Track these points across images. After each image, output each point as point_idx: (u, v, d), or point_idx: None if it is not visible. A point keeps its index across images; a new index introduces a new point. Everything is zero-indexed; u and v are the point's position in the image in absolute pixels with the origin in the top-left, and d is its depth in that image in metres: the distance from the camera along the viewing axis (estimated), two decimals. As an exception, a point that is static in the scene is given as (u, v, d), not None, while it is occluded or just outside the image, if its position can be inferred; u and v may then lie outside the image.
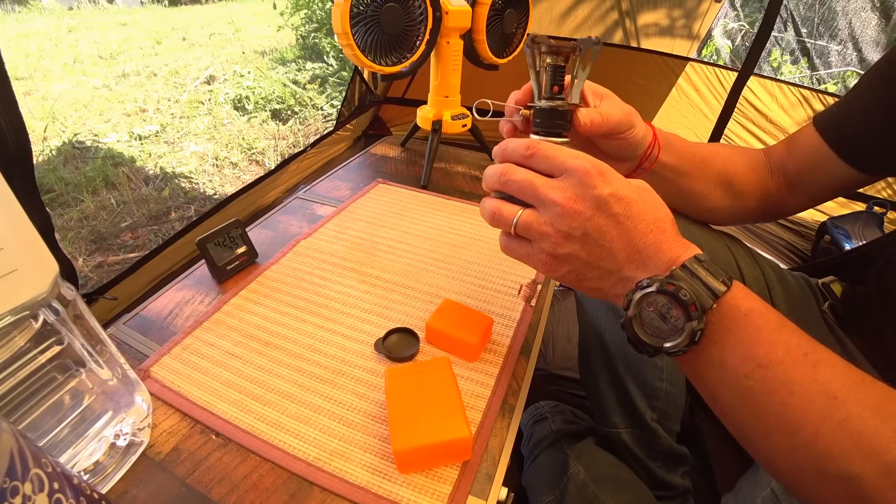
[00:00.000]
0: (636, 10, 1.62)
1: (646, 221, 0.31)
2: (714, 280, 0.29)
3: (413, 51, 0.81)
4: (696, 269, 0.29)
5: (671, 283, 0.29)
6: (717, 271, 0.29)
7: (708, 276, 0.29)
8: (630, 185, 0.32)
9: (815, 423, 0.26)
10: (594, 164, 0.31)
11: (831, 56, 1.92)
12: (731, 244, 0.53)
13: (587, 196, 0.31)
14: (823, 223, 1.29)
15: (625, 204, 0.31)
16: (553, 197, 0.31)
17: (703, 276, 0.29)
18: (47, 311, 0.32)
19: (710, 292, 0.29)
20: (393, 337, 0.53)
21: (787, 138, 0.51)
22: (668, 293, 0.29)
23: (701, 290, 0.29)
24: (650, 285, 0.30)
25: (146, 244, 1.46)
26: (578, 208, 0.31)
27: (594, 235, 0.31)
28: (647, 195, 0.32)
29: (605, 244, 0.31)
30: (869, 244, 0.57)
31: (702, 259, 0.30)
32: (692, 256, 0.30)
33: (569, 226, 0.31)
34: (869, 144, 0.44)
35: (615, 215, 0.31)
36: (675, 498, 0.59)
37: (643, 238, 0.31)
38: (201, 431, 0.44)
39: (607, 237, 0.31)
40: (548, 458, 0.66)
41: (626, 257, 0.31)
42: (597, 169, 0.31)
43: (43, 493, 0.24)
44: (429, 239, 0.72)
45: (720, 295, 0.29)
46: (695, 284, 0.29)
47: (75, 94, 2.70)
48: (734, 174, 0.50)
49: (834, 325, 0.51)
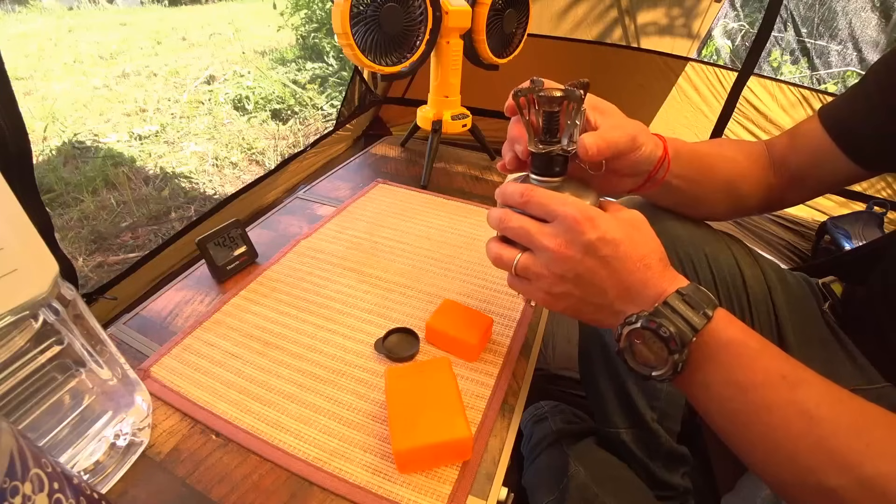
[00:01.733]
0: (635, 8, 1.61)
1: (632, 260, 0.33)
2: (694, 315, 0.31)
3: (413, 51, 0.81)
4: (677, 306, 0.32)
5: (653, 321, 0.31)
6: (698, 303, 0.32)
7: (688, 310, 0.31)
8: (619, 225, 0.34)
9: (793, 440, 0.28)
10: (582, 211, 0.33)
11: (831, 56, 1.92)
12: (732, 245, 0.52)
13: (576, 241, 0.33)
14: (823, 223, 1.29)
15: (612, 246, 0.33)
16: (545, 243, 0.34)
17: (682, 312, 0.31)
18: (47, 311, 0.32)
19: (690, 327, 0.31)
20: (393, 337, 0.53)
21: (789, 131, 0.50)
22: (650, 329, 0.31)
23: (681, 325, 0.31)
24: (636, 321, 0.32)
25: (146, 244, 1.46)
26: (569, 253, 0.34)
27: (586, 276, 0.34)
28: (635, 233, 0.34)
29: (596, 283, 0.34)
30: (869, 244, 0.57)
31: (684, 293, 0.32)
32: (674, 292, 0.32)
33: (562, 269, 0.34)
34: (873, 140, 0.44)
35: (603, 257, 0.33)
36: (675, 498, 0.59)
37: (630, 276, 0.34)
38: (201, 431, 0.44)
39: (598, 277, 0.34)
40: (548, 459, 0.66)
41: (615, 294, 0.34)
42: (584, 215, 0.33)
43: (43, 493, 0.24)
44: (429, 239, 0.72)
45: (699, 329, 0.31)
46: (675, 320, 0.31)
47: (75, 94, 2.70)
48: (739, 178, 0.49)
49: (834, 326, 0.51)
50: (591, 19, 1.65)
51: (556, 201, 0.34)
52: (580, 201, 0.34)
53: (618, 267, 0.33)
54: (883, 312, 0.47)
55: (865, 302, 0.50)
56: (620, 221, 0.34)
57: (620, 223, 0.34)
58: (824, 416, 0.28)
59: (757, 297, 0.50)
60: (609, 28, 1.66)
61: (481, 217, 0.79)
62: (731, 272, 0.50)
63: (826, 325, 0.51)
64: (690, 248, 0.50)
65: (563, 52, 1.69)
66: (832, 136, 0.46)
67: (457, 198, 0.85)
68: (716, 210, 0.51)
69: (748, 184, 0.50)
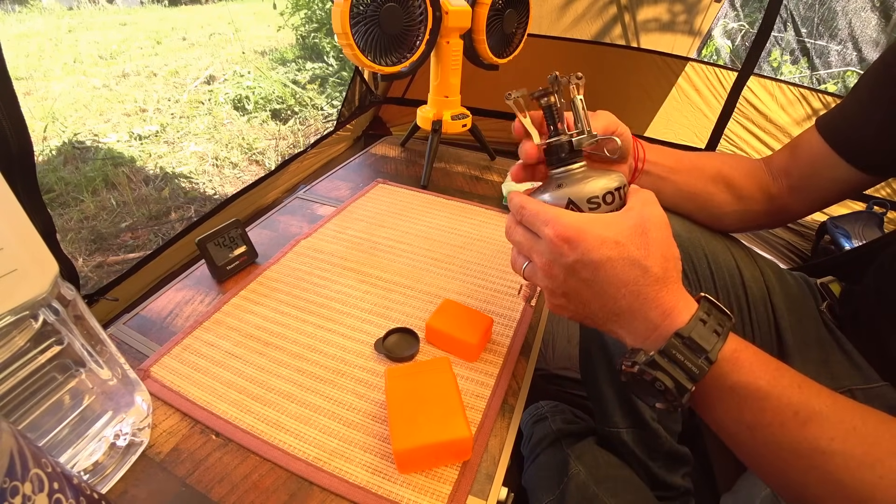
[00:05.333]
0: (635, 5, 1.61)
1: (615, 286, 0.31)
2: (694, 363, 0.29)
3: (413, 51, 0.81)
4: (675, 355, 0.30)
5: (648, 373, 0.30)
6: (699, 348, 0.29)
7: (688, 359, 0.29)
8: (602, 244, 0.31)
9: (803, 474, 0.28)
10: (559, 231, 0.32)
11: (831, 56, 1.92)
12: (732, 245, 0.53)
13: (557, 263, 0.33)
14: (823, 223, 1.29)
15: (591, 269, 0.31)
16: (535, 260, 0.35)
17: (681, 361, 0.30)
18: (47, 311, 0.32)
19: (689, 377, 0.29)
20: (393, 337, 0.53)
21: (788, 144, 0.52)
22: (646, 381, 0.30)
23: (679, 377, 0.30)
24: (633, 367, 0.31)
25: (146, 244, 1.46)
26: (553, 272, 0.33)
27: (572, 295, 0.34)
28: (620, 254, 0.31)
29: (584, 302, 0.34)
30: (868, 244, 0.57)
31: (685, 336, 0.30)
32: (673, 334, 0.30)
33: (552, 285, 0.34)
34: (870, 145, 0.44)
35: (584, 280, 0.32)
36: (675, 499, 0.59)
37: (616, 303, 0.32)
38: (201, 431, 0.44)
39: (583, 297, 0.33)
40: (548, 458, 0.66)
41: (605, 317, 0.34)
42: (561, 236, 0.32)
43: (43, 493, 0.24)
44: (429, 239, 0.72)
45: (699, 379, 0.29)
46: (673, 371, 0.30)
47: (75, 94, 2.70)
48: (731, 175, 0.51)
49: (832, 325, 0.51)
50: (590, 15, 1.65)
51: (542, 219, 0.33)
52: (565, 218, 0.32)
53: (599, 290, 0.32)
54: (878, 312, 0.47)
55: (862, 301, 0.50)
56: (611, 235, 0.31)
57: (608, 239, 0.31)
58: (836, 450, 0.27)
59: (755, 297, 0.50)
60: (609, 25, 1.65)
61: (481, 217, 0.79)
62: (731, 272, 0.50)
63: (824, 324, 0.51)
64: (690, 247, 0.50)
65: (563, 52, 1.69)
66: (830, 143, 0.46)
67: (457, 198, 0.85)
68: (720, 211, 0.51)
69: (743, 185, 0.50)
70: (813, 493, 0.28)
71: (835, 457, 0.27)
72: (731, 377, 0.30)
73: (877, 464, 0.26)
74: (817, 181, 0.48)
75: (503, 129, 1.65)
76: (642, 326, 0.32)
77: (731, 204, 0.51)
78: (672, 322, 0.31)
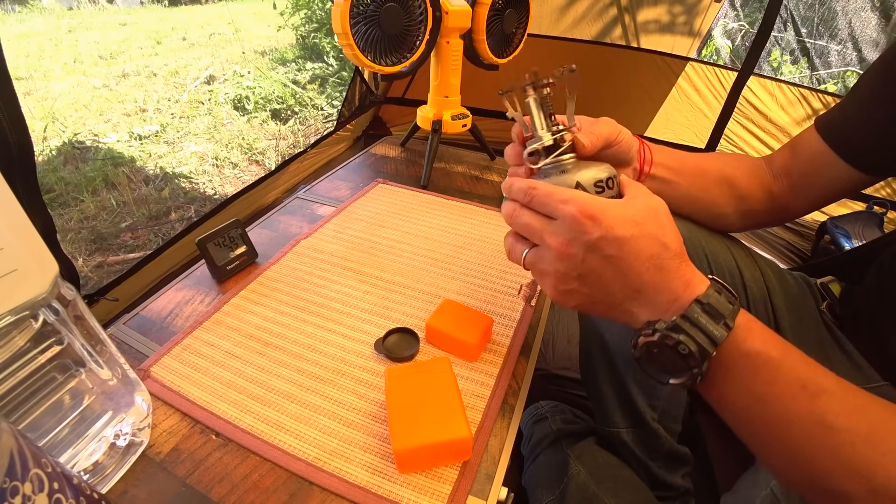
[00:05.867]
0: (636, 6, 1.61)
1: (640, 260, 0.31)
2: (714, 327, 0.30)
3: (413, 51, 0.81)
4: (697, 319, 0.30)
5: (671, 336, 0.30)
6: (719, 313, 0.30)
7: (709, 322, 0.30)
8: (626, 220, 0.31)
9: (810, 448, 0.29)
10: (582, 208, 0.31)
11: (831, 56, 1.92)
12: (732, 245, 0.53)
13: (578, 241, 0.32)
14: (823, 223, 1.29)
15: (616, 245, 0.31)
16: (548, 241, 0.33)
17: (703, 325, 0.30)
18: (47, 312, 0.32)
19: (710, 341, 0.30)
20: (393, 337, 0.53)
21: (789, 143, 0.52)
22: (668, 345, 0.31)
23: (701, 340, 0.30)
24: (653, 334, 0.31)
25: (146, 244, 1.46)
26: (571, 251, 0.32)
27: (590, 276, 0.33)
28: (646, 228, 0.32)
29: (601, 284, 0.33)
30: (868, 244, 0.57)
31: (704, 302, 0.30)
32: (694, 301, 0.31)
33: (565, 267, 0.33)
34: (868, 144, 0.44)
35: (608, 257, 0.32)
36: (675, 499, 0.59)
37: (639, 278, 0.32)
38: (201, 431, 0.44)
39: (603, 278, 0.33)
40: (548, 458, 0.66)
41: (625, 295, 0.33)
42: (585, 213, 0.31)
43: (43, 493, 0.24)
44: (429, 239, 0.72)
45: (720, 342, 0.30)
46: (696, 335, 0.30)
47: (75, 94, 2.69)
48: (734, 176, 0.51)
49: (832, 325, 0.51)
50: (591, 17, 1.65)
51: (558, 198, 0.33)
52: (584, 196, 0.32)
53: (624, 268, 0.32)
54: (878, 311, 0.47)
55: (862, 301, 0.50)
56: (629, 215, 0.32)
57: (628, 218, 0.32)
58: (843, 426, 0.28)
59: (755, 297, 0.50)
60: (609, 26, 1.66)
61: (481, 217, 0.79)
62: (731, 272, 0.50)
63: (824, 324, 0.51)
64: (690, 247, 0.50)
65: (563, 52, 1.69)
66: (829, 143, 0.47)
67: (457, 198, 0.85)
68: (721, 212, 0.51)
69: (745, 185, 0.50)
70: (819, 467, 0.29)
71: (840, 433, 0.28)
72: (746, 344, 0.31)
73: (881, 442, 0.27)
74: (817, 180, 0.49)
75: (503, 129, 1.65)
76: (665, 298, 0.32)
77: (732, 204, 0.51)
78: (693, 290, 0.31)
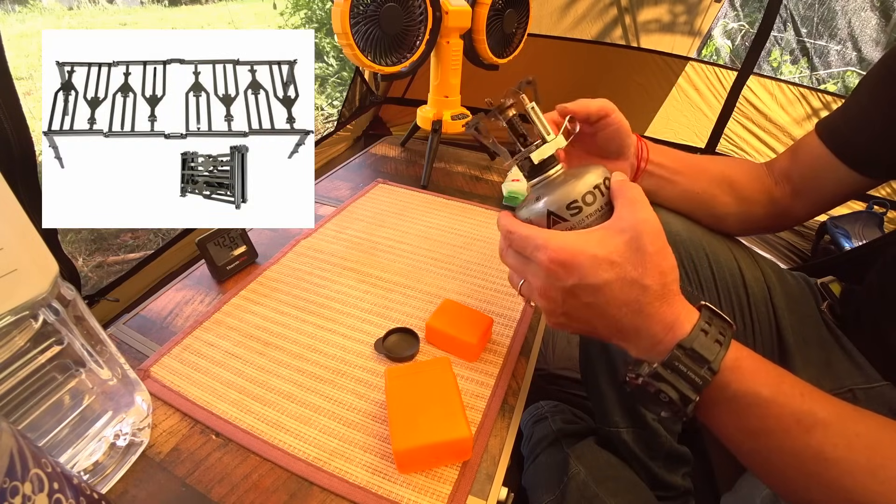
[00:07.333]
0: (636, 6, 1.61)
1: (615, 306, 0.31)
2: (697, 374, 0.30)
3: (413, 51, 0.81)
4: (678, 366, 0.30)
5: (652, 385, 0.30)
6: (701, 359, 0.29)
7: (691, 369, 0.30)
8: (598, 266, 0.30)
9: (806, 480, 0.29)
10: (554, 256, 0.31)
11: (831, 56, 1.92)
12: (733, 246, 0.53)
13: (555, 287, 0.32)
14: (823, 223, 1.29)
15: (591, 292, 0.31)
16: (531, 281, 0.34)
17: (685, 373, 0.30)
18: (47, 311, 0.32)
19: (693, 388, 0.30)
20: (393, 337, 0.53)
21: (790, 147, 0.52)
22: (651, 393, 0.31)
23: (683, 388, 0.30)
24: (637, 378, 0.32)
25: (146, 244, 1.46)
26: (551, 295, 0.33)
27: (574, 314, 0.33)
28: (618, 274, 0.30)
29: (585, 320, 0.33)
30: (869, 244, 0.57)
31: (686, 347, 0.30)
32: (676, 347, 0.30)
33: (550, 306, 0.34)
34: (869, 147, 0.44)
35: (586, 303, 0.32)
36: (675, 498, 0.59)
37: (619, 322, 0.32)
38: (201, 431, 0.44)
39: (584, 317, 0.33)
40: (548, 458, 0.66)
41: (609, 333, 0.33)
42: (556, 261, 0.31)
43: (43, 493, 0.24)
44: (429, 239, 0.72)
45: (703, 389, 0.30)
46: (676, 382, 0.30)
47: (75, 94, 2.69)
48: (734, 178, 0.51)
49: (832, 325, 0.51)
50: (591, 17, 1.65)
51: (532, 244, 0.32)
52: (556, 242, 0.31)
53: (601, 311, 0.32)
54: (879, 311, 0.47)
55: (863, 301, 0.50)
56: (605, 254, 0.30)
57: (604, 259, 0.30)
58: (840, 457, 0.28)
59: (756, 297, 0.50)
60: (609, 26, 1.66)
61: (481, 217, 0.79)
62: (732, 272, 0.50)
63: (824, 324, 0.51)
64: (691, 247, 0.50)
65: (563, 51, 1.69)
66: (829, 147, 0.47)
67: (457, 198, 0.85)
68: (722, 212, 0.51)
69: (746, 187, 0.50)
70: (816, 499, 0.28)
71: (838, 463, 0.27)
72: (734, 386, 0.30)
73: (879, 469, 0.27)
74: (818, 184, 0.49)
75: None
76: (646, 342, 0.32)
77: (733, 206, 0.51)
78: (675, 334, 0.31)
